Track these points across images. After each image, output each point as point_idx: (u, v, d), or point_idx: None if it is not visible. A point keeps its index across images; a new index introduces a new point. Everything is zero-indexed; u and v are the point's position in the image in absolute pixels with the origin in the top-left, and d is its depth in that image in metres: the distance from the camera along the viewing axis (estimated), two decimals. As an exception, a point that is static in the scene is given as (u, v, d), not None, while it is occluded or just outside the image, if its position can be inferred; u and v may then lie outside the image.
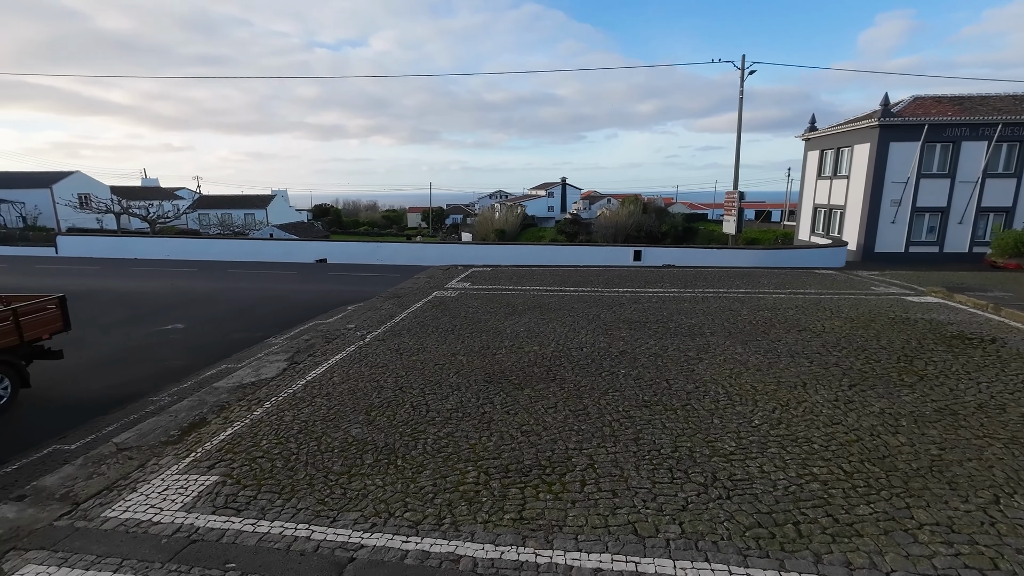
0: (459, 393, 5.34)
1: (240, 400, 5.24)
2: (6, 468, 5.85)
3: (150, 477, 3.85)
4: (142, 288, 16.61)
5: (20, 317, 7.75)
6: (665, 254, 22.11)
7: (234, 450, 4.22)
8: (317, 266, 23.50)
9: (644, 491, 3.65)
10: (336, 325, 8.17)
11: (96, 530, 3.24)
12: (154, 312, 13.33)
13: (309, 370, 6.07)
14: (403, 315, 8.58)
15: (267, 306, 14.11)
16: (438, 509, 3.44)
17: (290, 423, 4.69)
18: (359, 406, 5.01)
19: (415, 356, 6.47)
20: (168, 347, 10.52)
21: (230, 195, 60.33)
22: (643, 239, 44.92)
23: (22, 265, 22.13)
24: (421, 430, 4.54)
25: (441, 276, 12.50)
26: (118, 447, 4.27)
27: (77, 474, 3.90)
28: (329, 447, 4.25)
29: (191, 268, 21.61)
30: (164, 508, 3.45)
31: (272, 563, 2.94)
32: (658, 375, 5.89)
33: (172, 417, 4.85)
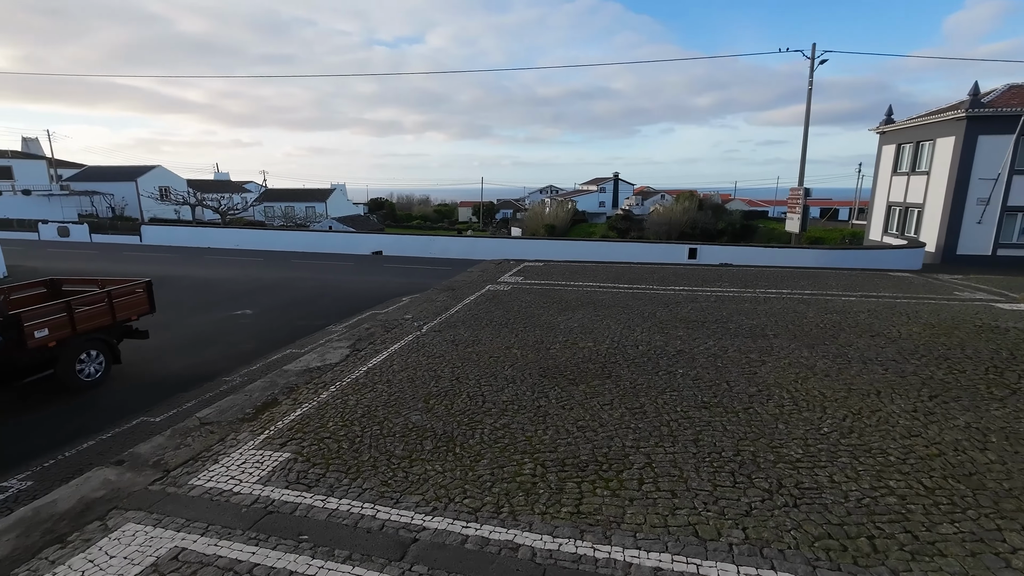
0: (514, 386, 5.40)
1: (308, 383, 5.52)
2: (102, 435, 6.45)
3: (230, 451, 4.14)
4: (215, 275, 17.76)
5: (113, 299, 8.49)
6: (722, 252, 21.34)
7: (303, 430, 4.46)
8: (373, 258, 24.29)
9: (704, 493, 3.57)
10: (394, 315, 8.44)
11: (184, 496, 3.52)
12: (226, 298, 14.23)
13: (370, 357, 6.30)
14: (458, 307, 8.74)
15: (327, 295, 14.75)
16: (496, 498, 3.51)
17: (354, 407, 4.90)
18: (418, 394, 5.17)
19: (470, 348, 6.59)
20: (239, 331, 11.22)
21: (293, 188, 63.33)
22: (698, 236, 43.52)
23: (112, 252, 24.15)
24: (478, 420, 4.63)
25: (494, 270, 12.63)
26: (201, 421, 4.61)
27: (167, 444, 4.24)
28: (391, 432, 4.41)
29: (258, 258, 22.88)
30: (243, 480, 3.70)
31: (341, 538, 3.10)
32: (718, 376, 5.72)
33: (247, 396, 5.18)
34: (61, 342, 7.55)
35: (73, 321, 7.69)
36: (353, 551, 2.98)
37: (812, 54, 21.26)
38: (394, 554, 2.97)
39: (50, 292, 9.21)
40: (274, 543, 3.04)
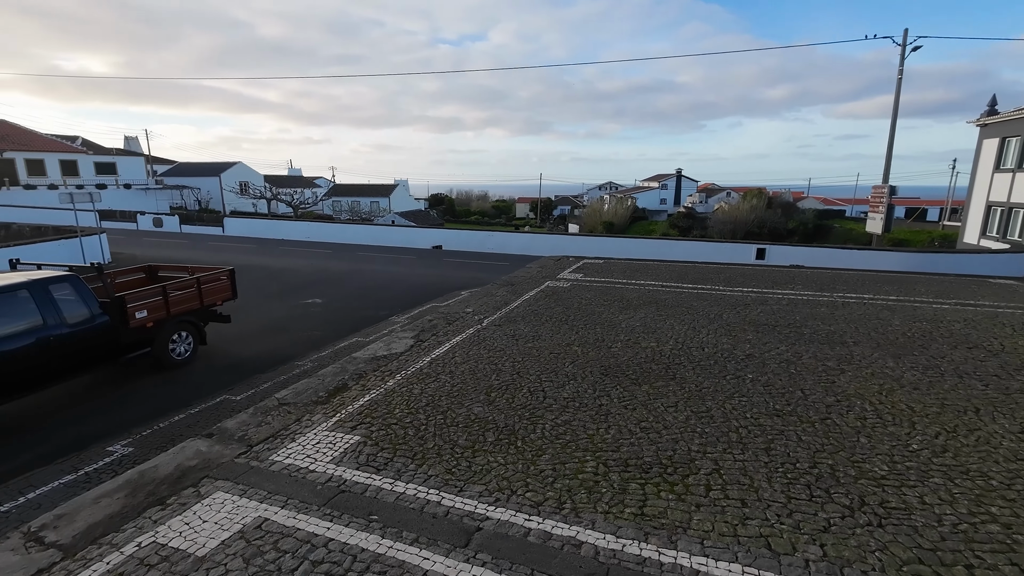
0: (575, 383, 5.37)
1: (375, 371, 5.75)
2: (191, 410, 7.02)
3: (305, 431, 4.38)
4: (288, 265, 18.83)
5: (201, 285, 9.19)
6: (793, 253, 20.17)
7: (372, 415, 4.65)
8: (433, 252, 24.88)
9: (778, 505, 3.40)
10: (455, 308, 8.61)
11: (266, 470, 3.77)
12: (298, 288, 15.06)
13: (433, 348, 6.47)
14: (517, 303, 8.79)
15: (390, 287, 15.28)
16: (558, 493, 3.51)
17: (418, 396, 5.05)
18: (480, 386, 5.25)
19: (530, 343, 6.61)
20: (309, 319, 11.84)
21: (358, 184, 65.96)
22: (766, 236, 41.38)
23: (198, 241, 26.15)
24: (539, 415, 4.65)
25: (553, 266, 12.59)
26: (279, 402, 4.92)
27: (250, 421, 4.56)
28: (454, 421, 4.51)
29: (326, 249, 24.03)
30: (317, 459, 3.91)
31: (409, 521, 3.21)
32: (791, 383, 5.42)
33: (320, 380, 5.46)
34: (157, 323, 8.28)
35: (168, 304, 8.41)
36: (420, 534, 3.08)
37: (904, 40, 19.59)
38: (459, 540, 3.05)
39: (148, 277, 10.11)
40: (347, 520, 3.19)
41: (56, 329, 6.88)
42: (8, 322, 6.49)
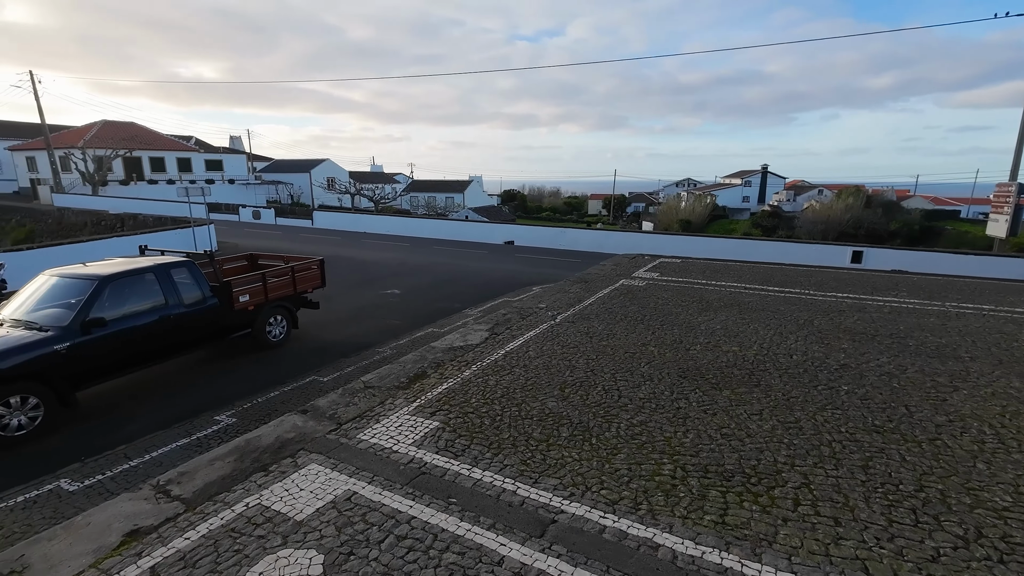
0: (651, 384, 5.25)
1: (452, 360, 5.94)
2: (284, 388, 7.61)
3: (388, 413, 4.63)
4: (370, 257, 19.85)
5: (295, 273, 9.93)
6: (895, 257, 18.39)
7: (450, 403, 4.82)
8: (505, 247, 25.19)
9: (877, 528, 3.14)
10: (528, 303, 8.68)
11: (354, 448, 4.03)
12: (378, 278, 15.84)
13: (507, 342, 6.58)
14: (591, 300, 8.72)
15: (464, 280, 15.67)
16: (634, 494, 3.46)
17: (494, 387, 5.17)
18: (553, 381, 5.28)
19: (605, 341, 6.54)
20: (388, 309, 12.43)
21: (435, 180, 68.10)
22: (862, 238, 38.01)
23: (290, 233, 28.21)
24: (614, 414, 4.60)
25: (627, 264, 12.34)
26: (365, 385, 5.22)
27: (339, 401, 4.89)
28: (528, 414, 4.57)
29: (404, 243, 25.06)
30: (400, 440, 4.12)
31: (486, 507, 3.31)
32: (893, 398, 4.97)
33: (401, 367, 5.74)
34: (257, 307, 9.05)
35: (266, 290, 9.17)
36: (496, 521, 3.17)
37: (1045, 16, 17.14)
38: (534, 530, 3.10)
39: (249, 265, 11.07)
40: (427, 501, 3.35)
41: (175, 308, 7.72)
42: (138, 300, 7.38)
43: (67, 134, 43.97)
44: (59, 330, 6.45)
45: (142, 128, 48.00)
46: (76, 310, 6.66)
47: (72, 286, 7.11)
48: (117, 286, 7.14)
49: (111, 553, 2.93)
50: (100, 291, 6.91)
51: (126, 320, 7.08)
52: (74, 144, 39.81)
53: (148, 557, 2.87)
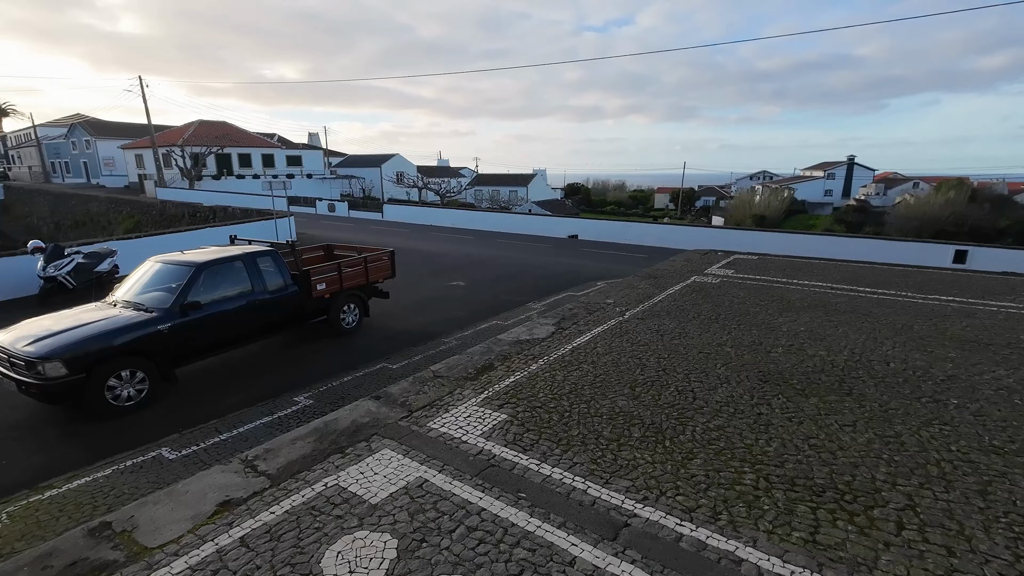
0: (729, 386, 4.97)
1: (519, 353, 5.92)
2: (356, 373, 7.92)
3: (457, 403, 4.68)
4: (436, 249, 20.30)
5: (368, 264, 10.31)
6: (1006, 257, 16.42)
7: (517, 396, 4.80)
8: (569, 241, 24.94)
9: (1001, 563, 2.78)
10: (594, 298, 8.51)
11: (424, 435, 4.11)
12: (443, 270, 16.17)
13: (575, 337, 6.47)
14: (661, 296, 8.40)
15: (528, 274, 15.67)
16: (712, 502, 3.27)
17: (561, 382, 5.09)
18: (623, 379, 5.12)
19: (677, 340, 6.27)
20: (453, 300, 12.64)
21: (499, 174, 68.61)
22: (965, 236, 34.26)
23: (362, 225, 29.43)
24: (688, 416, 4.39)
25: (699, 260, 11.81)
26: (434, 374, 5.32)
27: (410, 388, 5.00)
28: (598, 412, 4.46)
29: (469, 236, 25.43)
30: (468, 431, 4.15)
31: (555, 504, 3.25)
32: (1014, 415, 4.40)
33: (469, 358, 5.79)
34: (333, 295, 9.48)
35: (341, 279, 9.58)
36: (567, 519, 3.10)
37: None
38: (607, 532, 3.00)
39: (326, 255, 11.62)
40: (497, 493, 3.34)
41: (260, 295, 8.24)
42: (228, 286, 7.93)
43: (168, 133, 48.29)
44: (162, 312, 7.06)
45: (232, 127, 51.83)
46: (176, 294, 7.26)
47: (173, 272, 7.76)
48: (211, 272, 7.71)
49: (206, 521, 3.14)
50: (196, 277, 7.49)
51: (218, 304, 7.64)
52: (174, 142, 43.67)
53: (238, 527, 3.05)
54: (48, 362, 6.03)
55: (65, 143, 57.12)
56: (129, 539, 3.00)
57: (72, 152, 56.42)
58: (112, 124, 56.39)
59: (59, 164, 58.02)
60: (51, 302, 11.79)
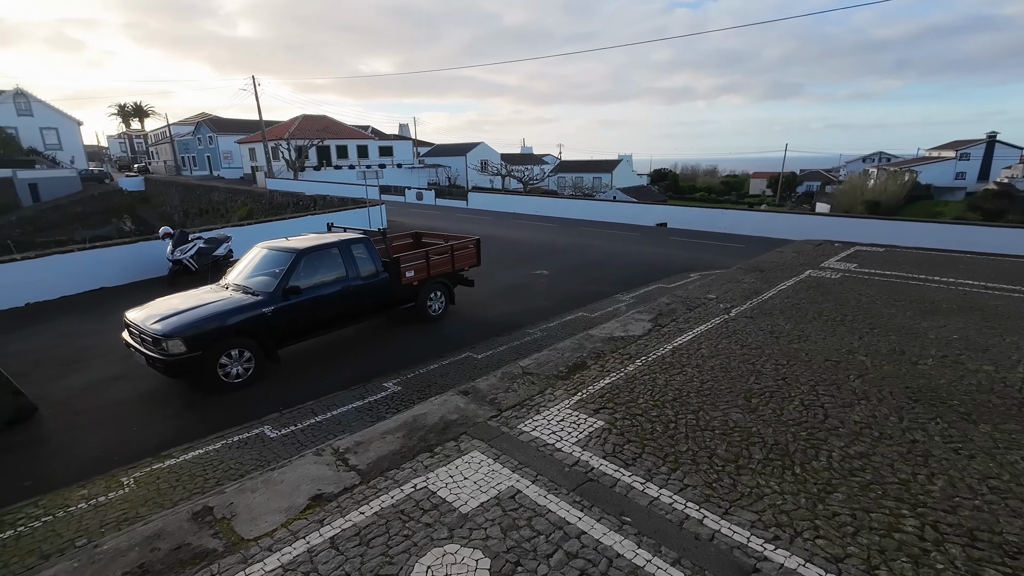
0: (868, 404, 4.21)
1: (613, 352, 5.49)
2: (442, 361, 7.90)
3: (548, 404, 4.37)
4: (519, 237, 20.14)
5: (454, 252, 10.28)
6: None
7: (614, 400, 4.40)
8: (657, 229, 23.74)
9: None
10: (694, 293, 7.81)
11: (515, 439, 3.84)
12: (527, 258, 15.94)
13: (674, 336, 5.91)
14: (771, 293, 7.52)
15: (614, 263, 15.02)
16: (865, 552, 2.69)
17: (663, 387, 4.60)
18: (735, 388, 4.53)
19: (796, 344, 5.51)
20: (537, 289, 12.37)
21: (583, 160, 67.22)
22: None
23: (448, 213, 30.03)
24: (821, 438, 3.74)
25: (812, 252, 10.55)
26: (523, 370, 5.05)
27: (498, 385, 4.77)
28: (708, 425, 3.94)
29: (552, 224, 25.03)
30: (563, 438, 3.82)
31: (666, 534, 2.84)
32: None
33: (560, 355, 5.45)
34: (421, 282, 9.56)
35: (429, 267, 9.63)
36: (682, 555, 2.69)
37: None
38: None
39: (414, 242, 11.80)
40: (598, 514, 2.99)
41: (353, 280, 8.45)
42: (324, 272, 8.21)
43: (276, 128, 52.34)
44: (267, 295, 7.44)
45: (331, 120, 55.11)
46: (279, 278, 7.61)
47: (277, 257, 8.16)
48: (310, 258, 8.01)
49: (299, 515, 3.10)
50: (297, 262, 7.81)
51: (315, 289, 7.93)
52: (281, 136, 47.24)
53: (328, 527, 2.97)
54: (170, 339, 6.54)
55: (192, 139, 63.99)
56: (228, 527, 3.02)
57: (198, 147, 63.09)
58: (230, 121, 62.26)
59: (188, 158, 65.20)
60: (178, 282, 13.09)
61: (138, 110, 75.93)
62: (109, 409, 6.83)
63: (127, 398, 7.14)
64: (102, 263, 13.44)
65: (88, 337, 9.73)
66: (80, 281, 13.01)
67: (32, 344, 9.51)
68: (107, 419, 6.56)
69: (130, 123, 78.10)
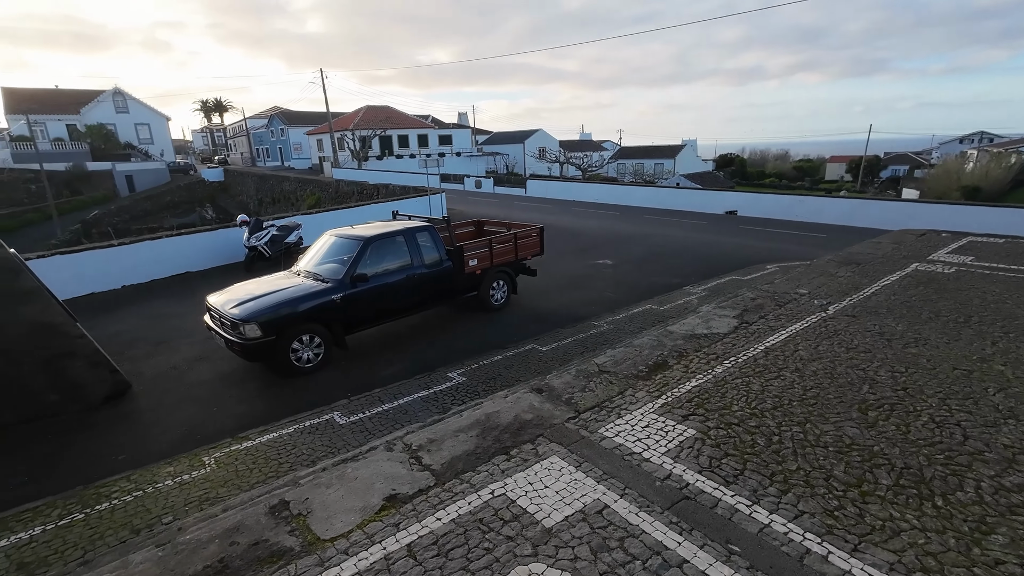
0: (1019, 425, 3.57)
1: (697, 351, 5.04)
2: (506, 352, 7.70)
3: (630, 407, 4.03)
4: (580, 225, 19.63)
5: (517, 240, 10.03)
6: None
7: (704, 405, 3.99)
8: (726, 218, 22.47)
9: None
10: (781, 287, 7.14)
11: (598, 445, 3.54)
12: (589, 247, 15.46)
13: (765, 335, 5.36)
14: (873, 288, 6.74)
15: (681, 253, 14.26)
16: (1045, 614, 2.20)
17: (759, 393, 4.14)
18: (846, 398, 3.99)
19: (913, 348, 4.83)
20: (601, 280, 11.93)
21: (643, 146, 64.99)
22: None
23: (506, 201, 29.85)
24: (964, 464, 3.18)
25: (914, 243, 9.45)
26: (600, 368, 4.72)
27: (574, 383, 4.47)
28: (819, 441, 3.46)
29: (613, 211, 24.26)
30: (650, 447, 3.48)
31: (785, 569, 2.45)
32: None
33: (638, 352, 5.07)
34: (483, 271, 9.40)
35: (492, 255, 9.44)
36: (807, 599, 2.30)
37: None
38: (872, 632, 2.15)
39: (476, 230, 11.65)
40: (700, 540, 2.64)
41: (418, 268, 8.40)
42: (390, 259, 8.20)
43: (342, 119, 54.09)
44: (336, 282, 7.51)
45: (393, 111, 56.29)
46: (347, 266, 7.67)
47: (344, 245, 8.24)
48: (376, 246, 8.02)
49: (374, 516, 2.96)
50: (364, 250, 7.83)
51: (381, 277, 7.94)
52: (346, 127, 48.76)
53: (404, 532, 2.81)
54: (247, 324, 6.72)
55: (265, 132, 67.47)
56: (304, 525, 2.94)
57: (271, 139, 66.48)
58: (300, 113, 65.04)
59: (261, 150, 68.89)
60: (253, 268, 13.71)
61: (218, 105, 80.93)
62: (192, 389, 7.16)
63: (208, 378, 7.47)
64: (186, 249, 14.30)
65: (174, 319, 10.33)
66: (167, 266, 13.92)
67: (128, 324, 10.22)
68: (190, 398, 6.88)
69: (211, 118, 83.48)
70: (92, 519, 4.62)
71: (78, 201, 41.86)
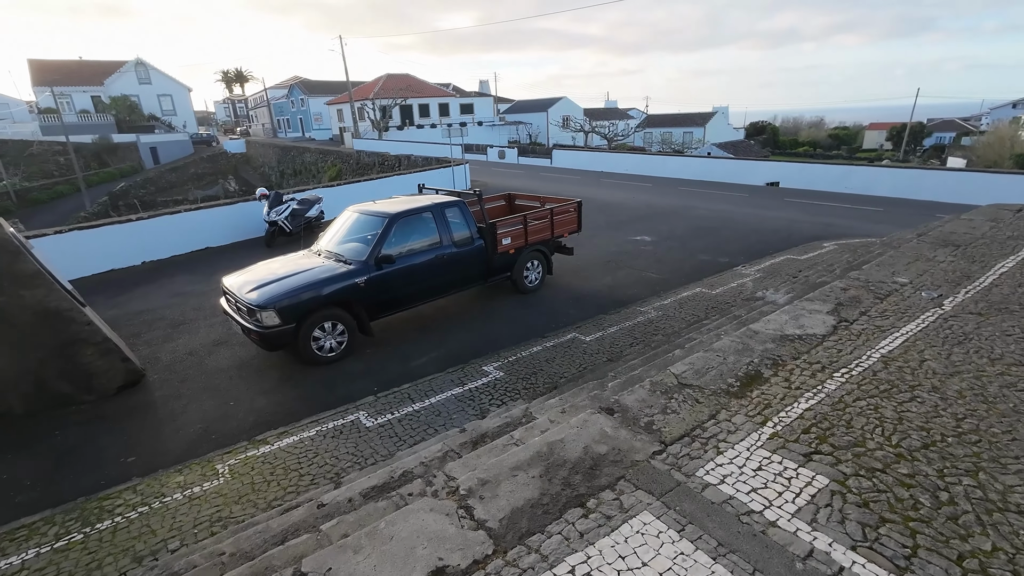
0: None
1: (795, 358, 4.14)
2: (545, 342, 6.91)
3: (730, 439, 3.18)
4: (612, 198, 18.50)
5: (553, 216, 9.11)
6: None
7: (828, 440, 3.12)
8: (768, 190, 21.03)
9: None
10: (875, 274, 6.11)
11: (699, 497, 2.72)
12: (624, 222, 14.42)
13: (874, 338, 4.41)
14: (990, 277, 5.68)
15: (725, 229, 13.15)
16: None
17: (896, 423, 3.24)
18: (1021, 433, 3.08)
19: (1078, 360, 3.85)
20: (641, 258, 10.97)
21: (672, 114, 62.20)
22: None
23: (532, 172, 28.67)
24: None
25: (1015, 221, 8.24)
26: (679, 381, 3.86)
27: (651, 401, 3.64)
28: (1007, 502, 2.58)
29: (645, 183, 22.96)
30: (772, 502, 2.64)
31: None
32: None
33: (721, 358, 4.19)
34: (517, 250, 8.54)
35: (526, 233, 8.56)
36: None
37: None
38: None
39: (507, 205, 10.73)
40: (889, 674, 1.83)
41: (447, 248, 7.59)
42: (418, 238, 7.40)
43: (362, 88, 52.78)
44: (360, 264, 6.77)
45: (414, 79, 54.64)
46: (371, 246, 6.90)
47: (368, 222, 7.45)
48: (402, 224, 7.23)
49: (417, 603, 2.22)
50: (390, 228, 7.05)
51: (408, 257, 7.18)
52: (367, 97, 47.50)
53: (461, 637, 2.06)
54: (264, 311, 6.07)
55: (286, 102, 66.55)
56: (324, 614, 2.22)
57: (291, 110, 65.57)
58: (320, 83, 63.79)
59: (282, 120, 68.13)
60: (274, 243, 13.10)
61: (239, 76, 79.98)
62: (210, 377, 6.62)
63: (227, 365, 6.92)
64: (206, 224, 13.75)
65: (194, 298, 9.82)
66: (188, 241, 13.41)
67: (148, 303, 9.75)
68: (208, 388, 6.34)
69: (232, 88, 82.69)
70: (91, 541, 4.10)
71: (106, 173, 41.99)
